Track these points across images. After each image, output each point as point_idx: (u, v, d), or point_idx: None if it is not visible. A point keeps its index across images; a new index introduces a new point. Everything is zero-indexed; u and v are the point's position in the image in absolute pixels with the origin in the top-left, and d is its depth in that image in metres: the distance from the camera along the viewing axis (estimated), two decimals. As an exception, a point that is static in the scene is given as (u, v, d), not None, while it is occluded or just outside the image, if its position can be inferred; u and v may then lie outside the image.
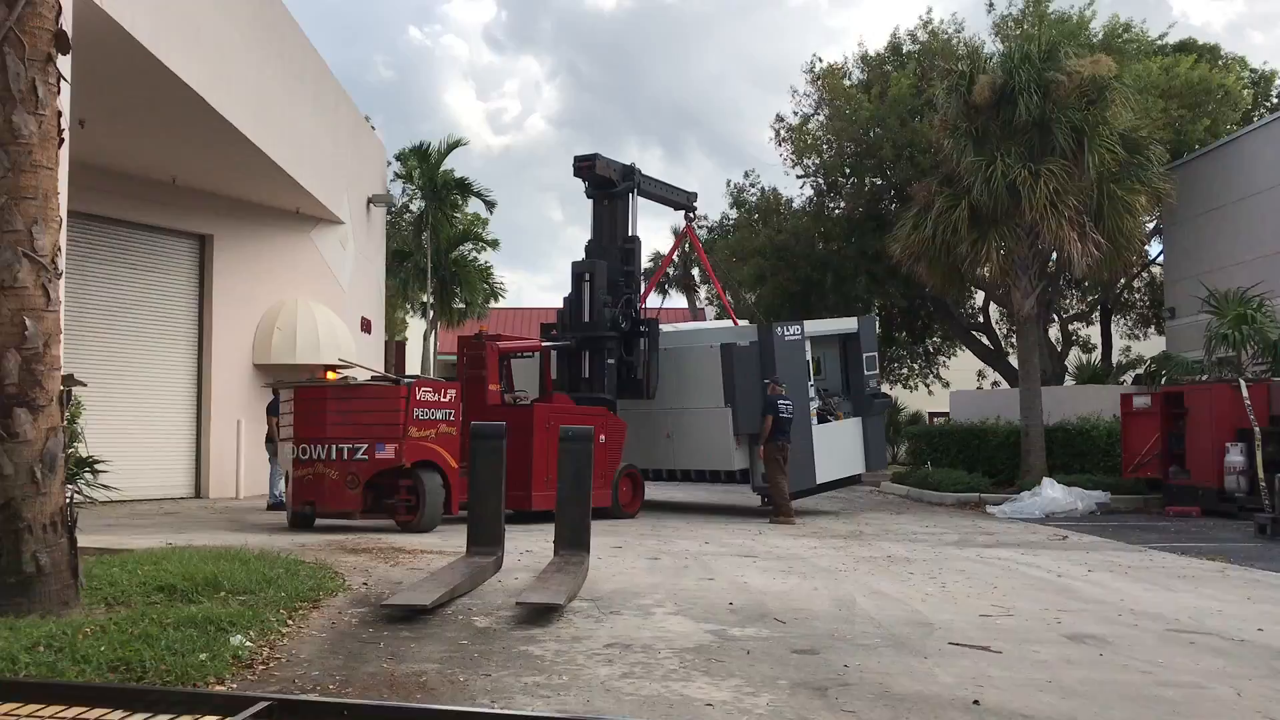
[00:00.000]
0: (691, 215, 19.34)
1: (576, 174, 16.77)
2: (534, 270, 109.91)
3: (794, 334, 16.99)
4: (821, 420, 17.36)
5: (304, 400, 13.41)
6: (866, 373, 18.31)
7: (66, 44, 6.69)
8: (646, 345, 16.44)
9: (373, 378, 14.16)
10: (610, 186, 16.91)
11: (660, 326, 17.24)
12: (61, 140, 6.70)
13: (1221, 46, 28.85)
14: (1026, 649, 6.54)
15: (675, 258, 43.21)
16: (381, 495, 13.05)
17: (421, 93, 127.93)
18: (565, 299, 16.61)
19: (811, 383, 17.23)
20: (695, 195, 19.26)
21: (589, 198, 17.11)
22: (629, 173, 17.12)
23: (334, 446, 12.91)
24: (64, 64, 6.81)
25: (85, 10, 10.33)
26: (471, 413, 13.54)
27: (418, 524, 12.90)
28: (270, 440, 16.68)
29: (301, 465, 13.10)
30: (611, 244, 16.83)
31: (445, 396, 13.56)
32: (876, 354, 19.26)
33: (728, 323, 20.34)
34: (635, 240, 17.11)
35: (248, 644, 5.87)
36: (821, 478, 17.17)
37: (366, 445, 12.86)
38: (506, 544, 9.63)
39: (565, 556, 9.07)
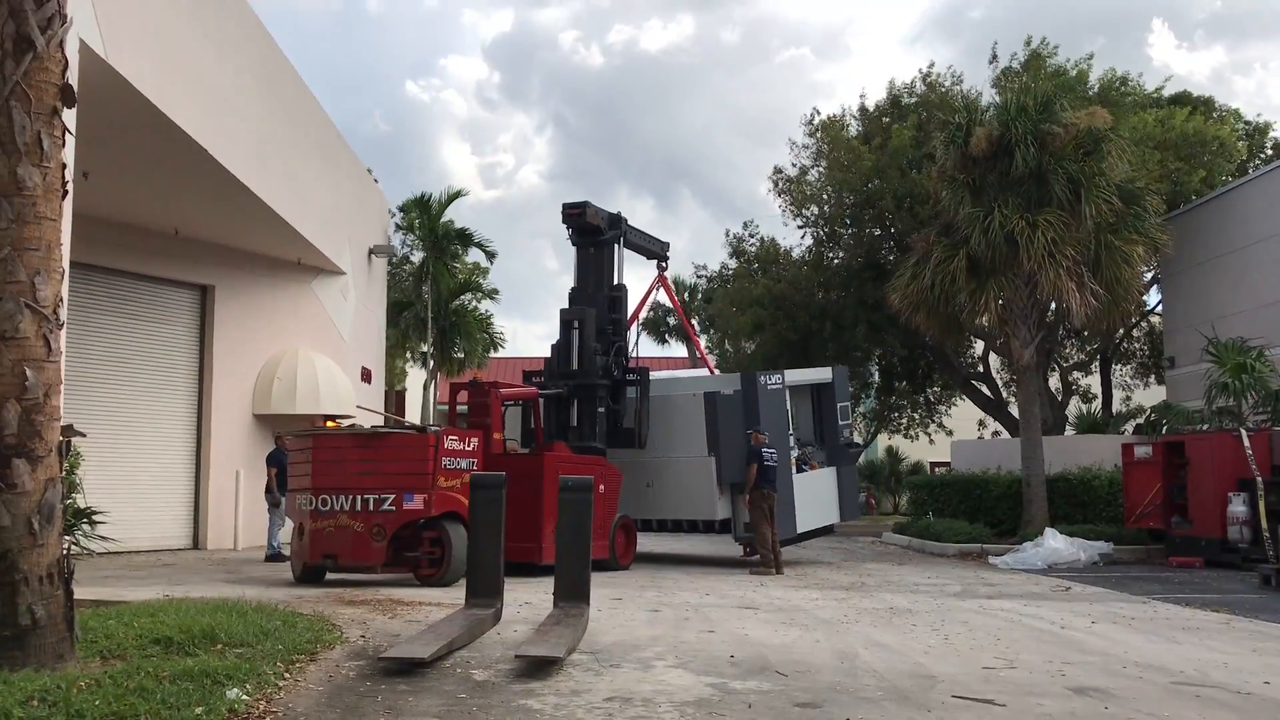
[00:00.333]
0: (664, 265, 19.30)
1: (565, 221, 16.74)
2: (528, 319, 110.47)
3: (776, 383, 16.99)
4: (799, 470, 17.34)
5: (324, 449, 12.94)
6: (840, 422, 18.28)
7: (72, 98, 6.76)
8: (639, 394, 16.35)
9: (393, 425, 13.79)
10: (597, 234, 16.87)
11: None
12: (65, 192, 6.74)
13: (1215, 99, 29.18)
14: (1030, 702, 6.47)
15: (671, 307, 43.53)
16: (402, 548, 12.59)
17: (418, 146, 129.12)
18: (553, 346, 16.49)
19: (791, 432, 17.21)
20: (668, 245, 19.31)
21: (575, 245, 17.03)
22: (616, 221, 17.10)
23: (358, 497, 12.42)
24: (69, 117, 6.87)
25: (91, 64, 10.45)
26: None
27: (441, 578, 12.46)
28: (269, 491, 16.60)
29: (321, 517, 12.56)
30: (598, 291, 16.76)
31: (469, 445, 13.30)
32: (849, 404, 19.24)
33: (703, 371, 20.27)
34: (622, 288, 17.07)
35: (244, 697, 5.81)
36: (802, 527, 17.15)
37: (394, 495, 12.37)
38: (506, 595, 9.57)
39: (565, 608, 9.01)
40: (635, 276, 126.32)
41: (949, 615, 10.72)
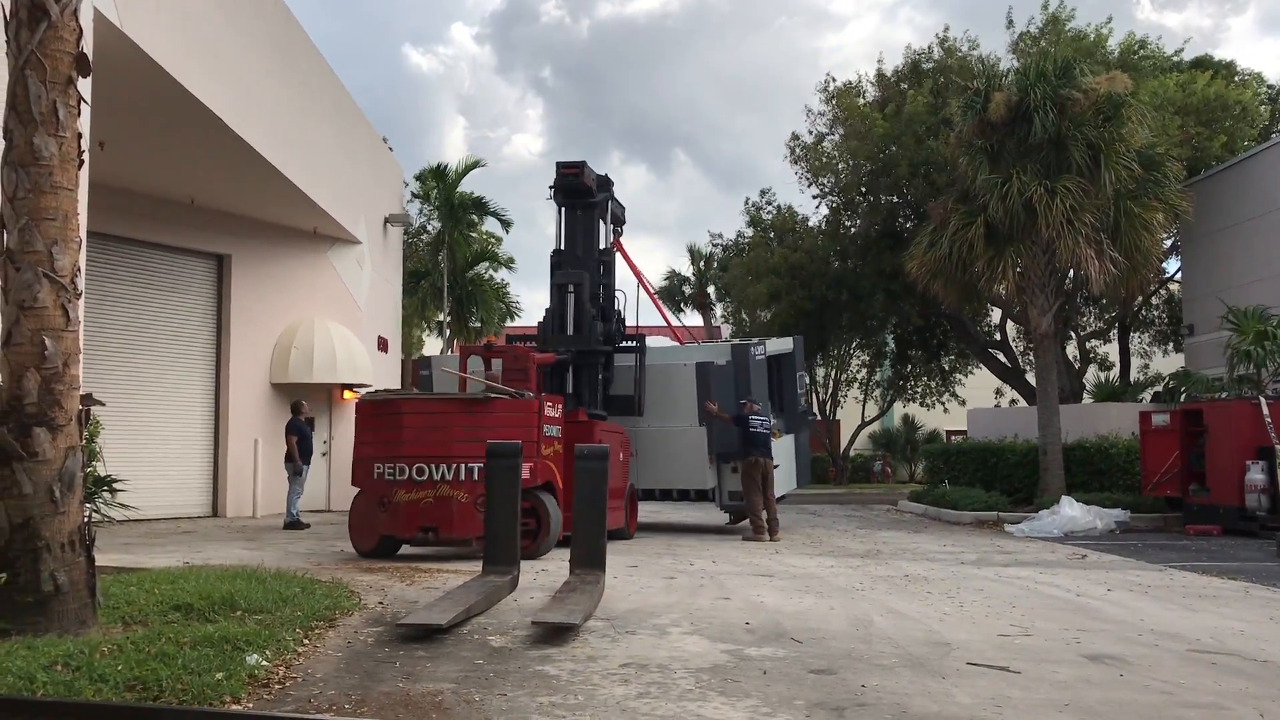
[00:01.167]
0: (619, 231, 18.70)
1: (560, 180, 16.02)
2: (531, 287, 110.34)
3: (761, 353, 16.86)
4: None
5: (420, 414, 12.20)
6: (798, 391, 18.13)
7: (87, 67, 6.76)
8: (637, 361, 16.02)
9: (487, 390, 12.79)
10: (589, 195, 16.21)
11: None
12: (81, 162, 6.76)
13: (1237, 63, 28.81)
14: (1045, 669, 6.48)
15: (690, 276, 43.45)
16: None
17: (419, 117, 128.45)
18: (547, 311, 15.87)
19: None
20: (625, 209, 18.43)
21: (562, 205, 16.25)
22: (605, 183, 16.61)
23: (462, 465, 11.74)
24: (84, 86, 6.87)
25: (106, 33, 10.44)
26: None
27: (536, 549, 12.00)
28: (290, 459, 16.66)
29: (418, 487, 11.80)
30: (588, 255, 16.12)
31: (558, 412, 12.98)
32: (804, 373, 19.00)
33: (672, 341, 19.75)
34: (611, 252, 16.60)
35: (264, 663, 5.88)
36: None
37: (453, 463, 11.84)
38: (527, 564, 9.62)
39: (581, 576, 9.06)
40: (650, 246, 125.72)
41: (964, 583, 10.73)
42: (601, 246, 16.40)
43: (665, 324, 20.71)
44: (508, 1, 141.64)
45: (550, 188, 16.19)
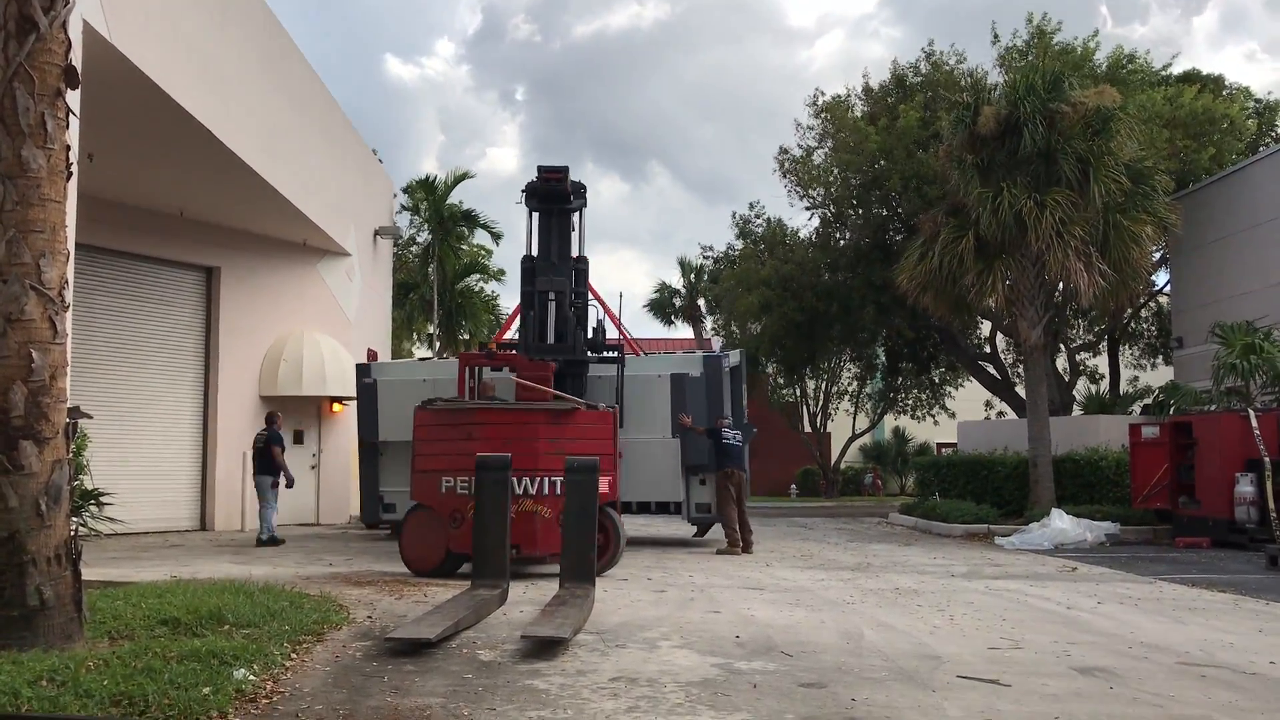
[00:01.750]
0: None
1: (542, 185, 15.56)
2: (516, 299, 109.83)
3: (728, 363, 16.69)
4: None
5: (505, 425, 11.71)
6: (743, 404, 17.88)
7: (76, 79, 6.75)
8: (618, 371, 15.83)
9: (568, 402, 12.42)
10: (566, 201, 15.88)
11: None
12: (70, 174, 6.74)
13: (1225, 77, 28.97)
14: (1035, 682, 6.48)
15: (681, 288, 43.49)
16: None
17: (394, 130, 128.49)
18: (527, 319, 15.56)
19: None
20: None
21: (536, 211, 15.85)
22: (580, 189, 16.31)
23: (546, 479, 11.31)
24: (73, 99, 6.86)
25: (95, 45, 10.42)
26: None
27: (607, 564, 11.67)
28: (272, 472, 15.87)
29: None
30: (563, 262, 15.79)
31: (618, 425, 12.81)
32: (745, 385, 18.69)
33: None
34: (585, 260, 16.22)
35: (251, 678, 5.84)
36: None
37: (536, 477, 11.41)
38: (518, 577, 9.59)
39: (570, 589, 9.03)
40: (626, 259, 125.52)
41: (955, 596, 10.73)
42: (577, 254, 16.11)
43: (621, 336, 20.43)
44: (483, 17, 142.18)
45: (525, 191, 15.87)
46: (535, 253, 15.89)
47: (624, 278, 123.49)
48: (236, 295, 19.12)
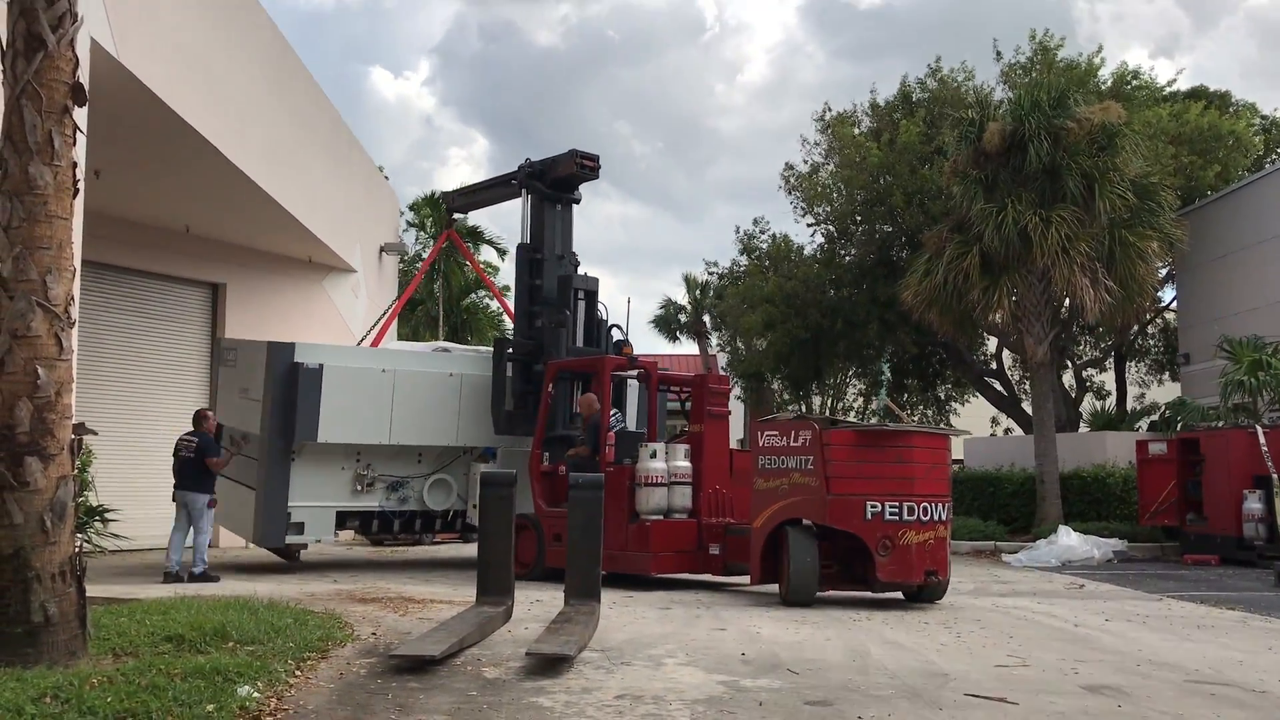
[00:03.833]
0: (454, 221, 17.17)
1: (581, 172, 14.44)
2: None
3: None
4: None
5: (923, 448, 11.54)
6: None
7: (83, 96, 6.77)
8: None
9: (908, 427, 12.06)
10: (571, 191, 14.86)
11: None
12: (76, 191, 6.76)
13: (1232, 93, 28.96)
14: (1043, 700, 6.44)
15: (687, 304, 43.49)
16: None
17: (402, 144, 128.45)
18: (550, 319, 14.18)
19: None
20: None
21: (547, 199, 14.61)
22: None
23: (940, 505, 11.42)
24: (80, 116, 6.88)
25: (103, 63, 10.47)
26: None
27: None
28: (200, 489, 12.79)
29: (923, 528, 11.11)
30: (569, 258, 14.74)
31: None
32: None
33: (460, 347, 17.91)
34: (577, 257, 15.02)
35: (255, 695, 5.82)
36: None
37: (945, 502, 11.51)
38: (523, 593, 9.56)
39: (576, 606, 9.00)
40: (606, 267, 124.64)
41: (961, 613, 10.68)
42: (571, 250, 15.03)
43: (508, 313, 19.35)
44: (443, 34, 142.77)
45: (530, 173, 14.65)
46: (544, 243, 14.58)
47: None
48: (242, 312, 19.13)
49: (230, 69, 14.13)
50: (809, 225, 28.61)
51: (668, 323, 43.49)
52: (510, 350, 14.49)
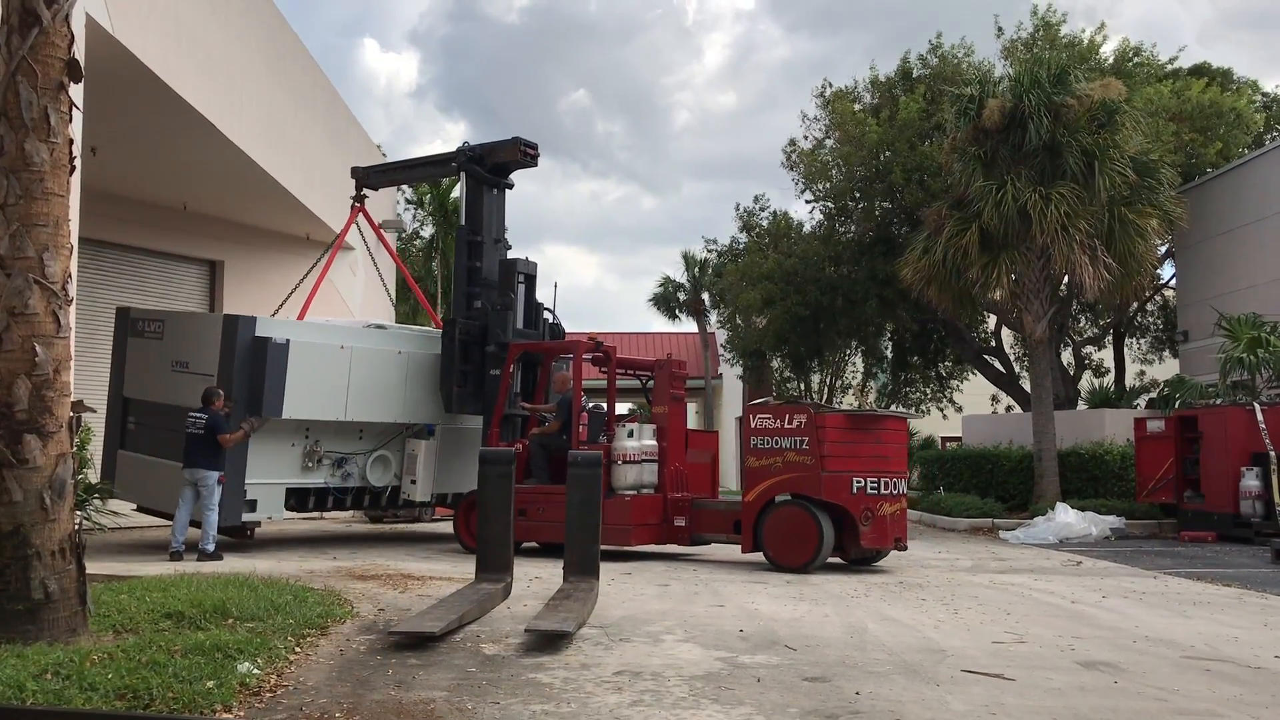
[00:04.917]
0: (365, 196, 16.53)
1: (523, 159, 14.66)
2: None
3: None
4: None
5: (893, 430, 13.01)
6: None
7: (79, 72, 6.73)
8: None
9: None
10: (506, 176, 15.04)
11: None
12: (73, 168, 6.74)
13: (1234, 70, 28.84)
14: (1040, 676, 6.47)
15: (685, 282, 43.44)
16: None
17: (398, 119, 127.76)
18: (494, 305, 14.25)
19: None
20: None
21: (484, 184, 14.73)
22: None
23: (899, 480, 12.69)
24: (76, 92, 6.85)
25: (98, 39, 10.42)
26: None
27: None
28: (210, 466, 12.15)
29: (894, 500, 12.45)
30: (500, 242, 14.90)
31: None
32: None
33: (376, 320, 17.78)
34: (509, 241, 15.21)
35: (255, 671, 5.85)
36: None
37: (905, 477, 12.95)
38: (522, 570, 9.59)
39: (574, 583, 9.02)
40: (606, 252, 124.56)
41: (959, 590, 10.72)
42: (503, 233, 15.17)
43: (425, 308, 19.58)
44: (419, 16, 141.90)
45: (470, 157, 14.71)
46: (482, 226, 14.71)
47: (580, 271, 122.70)
48: (240, 289, 19.12)
49: (227, 45, 14.07)
50: (808, 202, 28.54)
51: (667, 301, 43.42)
52: (459, 330, 14.38)
